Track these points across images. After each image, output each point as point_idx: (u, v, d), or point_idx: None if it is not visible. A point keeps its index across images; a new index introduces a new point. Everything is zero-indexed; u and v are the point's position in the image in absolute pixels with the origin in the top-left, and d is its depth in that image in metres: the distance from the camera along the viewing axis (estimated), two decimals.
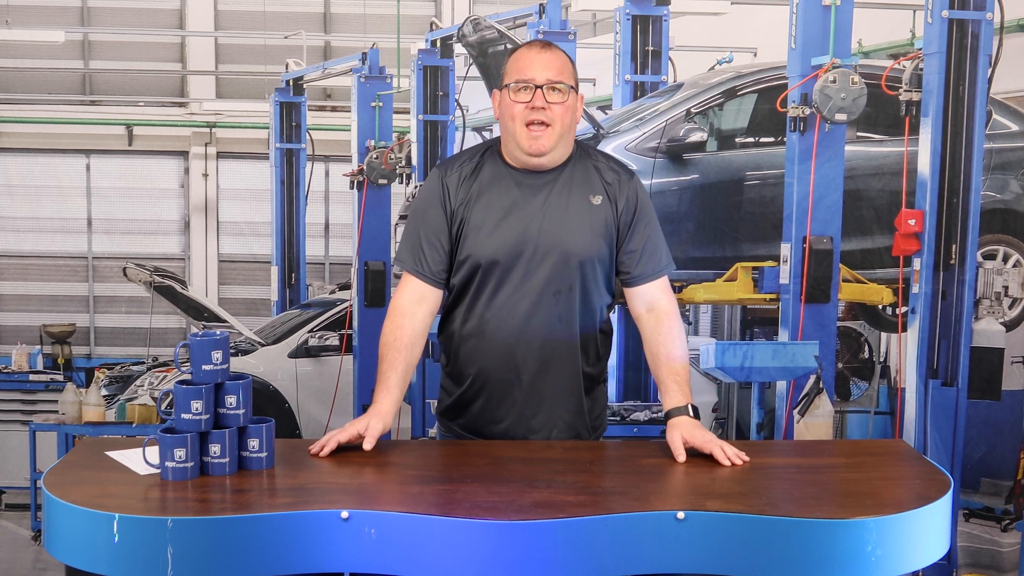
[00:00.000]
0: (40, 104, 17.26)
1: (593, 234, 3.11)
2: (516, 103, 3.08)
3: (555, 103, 3.07)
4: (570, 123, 3.12)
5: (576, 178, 3.14)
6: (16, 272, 17.49)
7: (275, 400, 10.02)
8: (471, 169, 3.16)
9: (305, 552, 2.35)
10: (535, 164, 3.12)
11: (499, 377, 3.14)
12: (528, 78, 3.07)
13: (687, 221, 6.68)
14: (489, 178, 3.14)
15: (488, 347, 3.13)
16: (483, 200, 3.12)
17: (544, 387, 3.13)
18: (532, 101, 3.06)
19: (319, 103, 17.54)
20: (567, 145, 3.14)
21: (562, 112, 3.08)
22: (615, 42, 7.66)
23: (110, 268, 17.01)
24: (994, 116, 6.98)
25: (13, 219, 17.31)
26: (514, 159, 3.14)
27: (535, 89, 3.06)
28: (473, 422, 3.21)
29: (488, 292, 3.12)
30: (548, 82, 3.07)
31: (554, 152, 3.10)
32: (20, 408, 10.19)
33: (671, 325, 3.13)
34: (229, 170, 17.75)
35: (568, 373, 3.14)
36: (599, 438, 3.27)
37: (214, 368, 2.67)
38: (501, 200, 3.12)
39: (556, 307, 3.10)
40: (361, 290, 9.66)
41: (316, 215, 17.35)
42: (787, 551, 2.35)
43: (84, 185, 17.56)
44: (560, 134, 3.09)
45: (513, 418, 3.15)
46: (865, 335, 8.32)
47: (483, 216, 3.11)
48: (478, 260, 3.11)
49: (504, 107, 3.12)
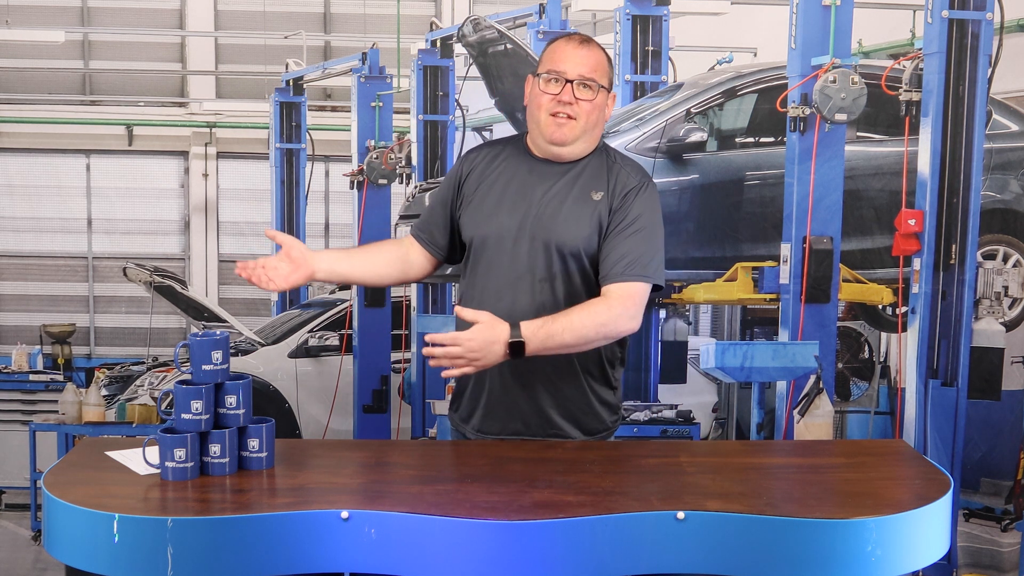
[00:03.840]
0: (40, 104, 17.26)
1: (587, 228, 3.08)
2: (545, 93, 3.09)
3: (583, 99, 3.07)
4: (596, 120, 3.12)
5: (586, 173, 3.13)
6: (16, 272, 17.49)
7: (275, 400, 10.02)
8: (494, 155, 3.22)
9: (305, 552, 2.35)
10: (556, 153, 3.13)
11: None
12: (560, 70, 3.08)
13: (687, 221, 6.68)
14: (505, 162, 3.19)
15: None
16: (491, 181, 3.17)
17: (524, 373, 3.09)
18: (560, 95, 3.07)
19: (319, 103, 17.54)
20: (590, 141, 3.15)
21: (589, 109, 3.08)
22: (615, 42, 7.67)
23: (110, 268, 17.01)
24: (994, 116, 6.98)
25: (13, 219, 17.30)
26: (537, 147, 3.17)
27: (565, 83, 3.07)
28: (466, 406, 3.22)
29: (478, 272, 3.16)
30: (580, 78, 3.07)
31: (576, 145, 3.11)
32: (20, 408, 10.19)
33: (600, 307, 3.00)
34: (229, 170, 17.74)
35: (552, 362, 3.07)
36: (607, 435, 3.23)
37: (214, 368, 2.67)
38: (507, 183, 3.15)
39: (540, 295, 3.09)
40: (361, 290, 9.66)
41: (316, 215, 17.35)
42: (787, 551, 2.35)
43: (84, 185, 17.56)
44: (584, 129, 3.09)
45: (493, 402, 3.13)
46: (865, 335, 8.33)
47: (484, 196, 3.16)
48: (470, 236, 3.17)
49: (533, 95, 3.14)
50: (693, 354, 8.04)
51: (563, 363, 3.09)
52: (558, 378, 3.12)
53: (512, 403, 3.13)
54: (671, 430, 6.69)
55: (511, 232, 3.11)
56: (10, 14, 14.67)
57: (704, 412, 9.78)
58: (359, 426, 9.67)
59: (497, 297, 3.11)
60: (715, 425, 10.09)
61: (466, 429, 3.23)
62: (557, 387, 3.12)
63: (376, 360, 9.74)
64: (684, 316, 7.97)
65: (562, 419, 3.14)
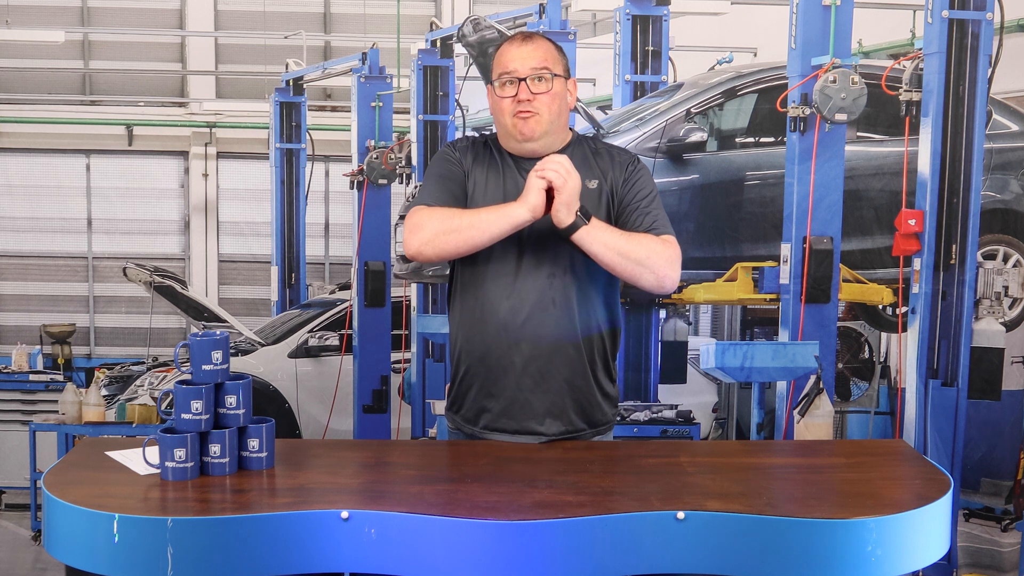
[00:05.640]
0: (40, 104, 17.26)
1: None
2: (503, 98, 3.13)
3: (540, 92, 3.11)
4: (559, 109, 3.15)
5: (573, 163, 3.10)
6: (16, 272, 17.49)
7: (275, 400, 10.03)
8: (477, 148, 3.22)
9: (305, 552, 2.35)
10: (528, 150, 3.15)
11: (495, 360, 3.13)
12: (511, 71, 3.12)
13: (687, 221, 6.68)
14: (492, 160, 3.19)
15: (485, 328, 3.13)
16: (484, 178, 3.17)
17: (540, 371, 3.11)
18: (518, 95, 3.10)
19: (319, 103, 17.55)
20: (559, 131, 3.18)
21: (548, 100, 3.11)
22: (615, 42, 7.67)
23: (110, 268, 17.02)
24: (994, 116, 6.98)
25: (13, 219, 17.30)
26: (510, 149, 3.20)
27: (519, 82, 3.10)
28: (471, 406, 3.20)
29: (484, 273, 3.13)
30: (531, 71, 3.10)
31: (545, 138, 3.14)
32: (20, 408, 10.18)
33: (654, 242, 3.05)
34: (229, 170, 17.75)
35: (565, 358, 3.12)
36: (605, 433, 3.25)
37: (214, 368, 2.67)
38: (501, 182, 3.16)
39: (551, 290, 3.10)
40: (361, 290, 9.66)
41: (316, 215, 17.35)
42: (787, 551, 2.35)
43: (84, 185, 17.56)
44: (549, 120, 3.13)
45: (506, 401, 3.13)
46: (865, 335, 8.33)
47: (482, 196, 3.15)
48: None
49: (493, 104, 3.17)
50: (693, 354, 8.04)
51: (573, 356, 3.12)
52: (571, 372, 3.13)
53: (525, 401, 3.13)
54: (671, 430, 6.68)
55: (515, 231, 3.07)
56: (10, 14, 14.67)
57: (704, 412, 9.79)
58: (359, 426, 9.67)
59: (505, 294, 3.11)
60: (715, 425, 10.10)
61: (473, 429, 3.22)
62: (571, 382, 3.14)
63: (376, 360, 9.74)
64: (684, 316, 7.97)
65: (575, 414, 3.15)
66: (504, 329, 3.10)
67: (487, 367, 3.14)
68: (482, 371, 3.15)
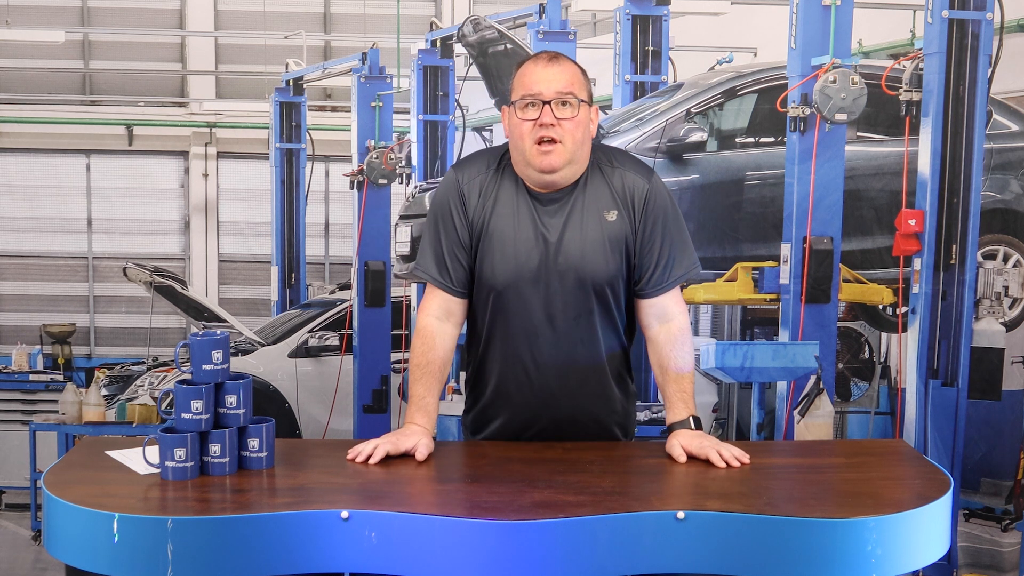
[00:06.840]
0: (40, 104, 17.25)
1: (610, 253, 3.00)
2: (524, 121, 2.94)
3: (565, 118, 2.92)
4: (582, 138, 2.96)
5: (590, 194, 3.01)
6: (16, 272, 17.49)
7: (275, 400, 10.03)
8: (489, 179, 3.04)
9: (305, 552, 2.35)
10: (548, 181, 2.97)
11: (522, 400, 3.08)
12: (535, 93, 2.92)
13: (687, 221, 6.62)
14: (507, 195, 3.03)
15: (510, 370, 3.07)
16: (500, 219, 3.01)
17: (569, 410, 3.08)
18: (540, 118, 2.91)
19: (319, 103, 17.53)
20: (581, 161, 3.00)
21: (572, 127, 2.93)
22: (615, 42, 7.67)
23: (110, 268, 17.01)
24: (994, 116, 6.98)
25: (13, 219, 17.29)
26: (526, 178, 3.00)
27: (543, 105, 2.91)
28: (496, 432, 3.15)
29: (507, 316, 3.04)
30: (557, 95, 2.91)
31: (567, 169, 2.96)
32: (20, 408, 10.20)
33: (684, 340, 3.05)
34: (229, 170, 17.74)
35: (594, 394, 3.09)
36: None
37: (214, 368, 2.67)
38: (518, 222, 3.01)
39: (577, 330, 3.03)
40: (361, 290, 9.67)
41: (316, 215, 17.34)
42: (787, 551, 2.35)
43: (84, 185, 17.56)
44: (572, 150, 2.94)
45: (536, 431, 3.10)
46: (865, 335, 8.32)
47: (500, 237, 3.01)
48: (494, 284, 3.02)
49: (512, 126, 2.98)
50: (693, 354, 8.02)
51: (599, 379, 3.10)
52: (597, 396, 3.12)
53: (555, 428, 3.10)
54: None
55: (531, 273, 2.99)
56: (10, 14, 14.66)
57: (704, 412, 9.77)
58: (359, 426, 9.67)
59: (527, 340, 3.04)
60: (715, 425, 10.09)
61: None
62: (596, 401, 3.12)
63: (376, 360, 9.74)
64: None
65: (615, 427, 3.16)
66: (534, 370, 3.05)
67: (514, 405, 3.10)
68: (509, 408, 3.11)
